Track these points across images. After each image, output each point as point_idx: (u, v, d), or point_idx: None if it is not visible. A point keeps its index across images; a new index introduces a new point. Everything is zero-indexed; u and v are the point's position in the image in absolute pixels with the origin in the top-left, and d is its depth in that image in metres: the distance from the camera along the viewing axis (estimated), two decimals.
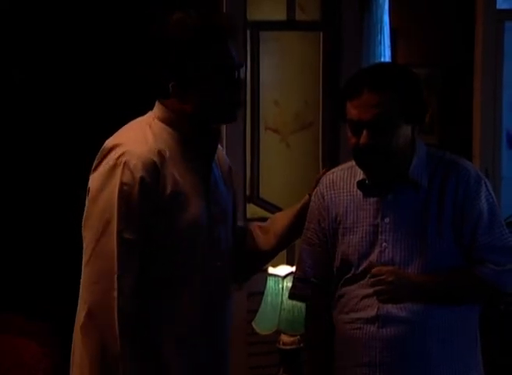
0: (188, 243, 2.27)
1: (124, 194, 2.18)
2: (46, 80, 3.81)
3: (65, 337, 3.34)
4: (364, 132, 2.34)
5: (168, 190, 2.22)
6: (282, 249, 2.64)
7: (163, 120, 2.30)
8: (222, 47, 2.26)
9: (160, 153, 2.24)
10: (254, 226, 2.62)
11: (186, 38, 2.22)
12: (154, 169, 2.21)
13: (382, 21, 4.46)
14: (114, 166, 2.20)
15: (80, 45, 3.81)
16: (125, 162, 2.19)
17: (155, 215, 2.21)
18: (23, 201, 3.81)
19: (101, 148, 2.33)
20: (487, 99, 4.51)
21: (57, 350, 3.21)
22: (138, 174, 2.18)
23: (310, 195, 2.59)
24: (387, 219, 2.41)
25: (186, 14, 2.25)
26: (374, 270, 2.36)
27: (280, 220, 2.61)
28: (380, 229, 2.42)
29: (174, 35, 2.23)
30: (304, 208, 2.59)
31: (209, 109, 2.29)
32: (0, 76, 3.77)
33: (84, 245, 2.22)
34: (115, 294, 2.14)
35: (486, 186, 2.43)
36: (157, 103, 2.34)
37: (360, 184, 2.47)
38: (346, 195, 2.49)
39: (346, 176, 2.51)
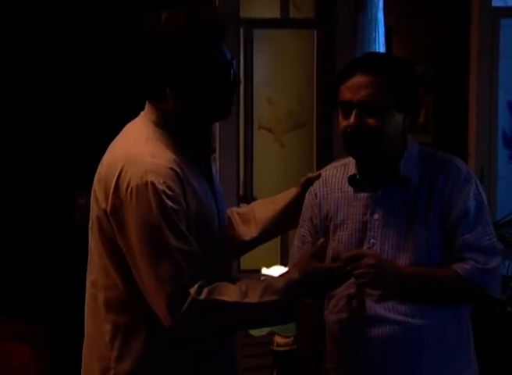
0: (207, 243, 2.24)
1: (162, 211, 2.12)
2: (46, 80, 3.79)
3: (56, 338, 3.35)
4: (354, 112, 2.34)
5: (190, 196, 2.20)
6: (264, 242, 2.60)
7: (161, 125, 2.25)
8: (216, 46, 2.23)
9: (175, 161, 2.20)
10: (233, 212, 2.58)
11: (180, 40, 2.17)
12: (178, 179, 2.17)
13: (376, 19, 4.44)
14: (141, 189, 2.13)
15: (79, 45, 3.79)
16: (151, 182, 2.13)
17: (187, 222, 2.17)
18: (13, 202, 3.79)
19: (93, 150, 2.29)
20: (483, 98, 4.49)
21: (49, 353, 3.19)
22: (168, 190, 2.13)
23: (299, 190, 2.55)
24: (376, 216, 2.40)
25: (177, 13, 2.21)
26: (355, 252, 2.34)
27: (263, 212, 2.56)
28: (369, 225, 2.41)
29: (168, 36, 2.18)
30: (291, 203, 2.55)
31: (207, 108, 2.25)
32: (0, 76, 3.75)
33: (142, 279, 2.14)
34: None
35: (476, 185, 2.41)
36: (148, 106, 2.28)
37: (351, 179, 2.45)
38: (338, 192, 2.48)
39: (338, 173, 2.50)
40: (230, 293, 2.14)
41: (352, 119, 2.34)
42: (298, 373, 2.67)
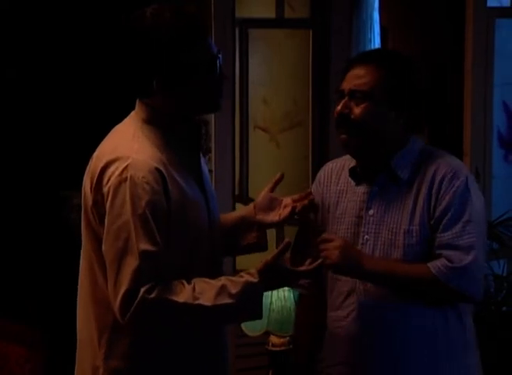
0: (195, 242, 2.25)
1: (136, 208, 2.13)
2: (43, 80, 3.79)
3: (50, 339, 3.34)
4: (343, 100, 2.37)
5: (175, 194, 2.19)
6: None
7: (150, 122, 2.26)
8: (201, 40, 2.24)
9: (161, 158, 2.20)
10: None
11: (166, 35, 2.19)
12: (161, 177, 2.17)
13: (371, 19, 4.45)
14: (119, 183, 2.14)
15: (76, 47, 3.79)
16: (130, 177, 2.13)
17: (166, 222, 2.17)
18: (8, 203, 3.79)
19: (87, 151, 2.29)
20: (478, 98, 4.50)
21: (42, 353, 3.19)
22: (146, 186, 2.14)
23: (255, 206, 2.49)
24: (371, 212, 2.40)
25: (162, 9, 2.22)
26: (325, 235, 2.34)
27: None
28: (363, 221, 2.41)
29: (153, 32, 2.19)
30: (244, 218, 2.50)
31: (194, 102, 2.26)
32: None
33: (107, 267, 2.17)
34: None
35: (467, 183, 2.35)
36: (139, 104, 2.29)
37: (352, 172, 2.45)
38: (341, 185, 2.49)
39: (345, 166, 2.51)
40: (183, 293, 2.13)
41: (339, 107, 2.37)
42: (292, 372, 2.66)
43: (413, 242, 2.35)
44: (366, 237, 2.40)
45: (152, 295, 2.10)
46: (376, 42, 4.48)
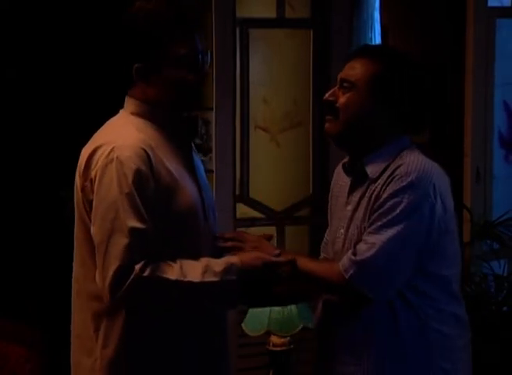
0: (186, 230, 2.27)
1: (123, 187, 2.16)
2: (42, 80, 3.79)
3: (50, 339, 3.34)
4: (333, 89, 2.41)
5: (163, 177, 2.22)
6: None
7: (138, 114, 2.30)
8: (189, 35, 2.27)
9: (149, 143, 2.23)
10: None
11: (153, 25, 2.22)
12: (147, 158, 2.20)
13: (372, 18, 4.45)
14: (106, 165, 2.17)
15: (76, 48, 3.80)
16: (117, 157, 2.17)
17: (154, 203, 2.19)
18: (8, 202, 3.79)
19: (80, 150, 2.30)
20: (478, 98, 4.49)
21: (42, 353, 3.19)
22: (133, 165, 2.17)
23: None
24: (349, 207, 2.41)
25: (151, 2, 2.26)
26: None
27: None
28: (343, 215, 2.42)
29: (141, 20, 2.23)
30: None
31: (175, 96, 2.29)
32: None
33: (96, 248, 2.19)
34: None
35: (411, 185, 2.26)
36: (127, 99, 2.33)
37: (343, 166, 2.49)
38: (342, 181, 2.50)
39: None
40: (172, 271, 2.16)
41: (327, 94, 2.41)
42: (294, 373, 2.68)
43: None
44: (341, 231, 2.41)
45: (145, 273, 2.12)
46: (377, 41, 4.48)
